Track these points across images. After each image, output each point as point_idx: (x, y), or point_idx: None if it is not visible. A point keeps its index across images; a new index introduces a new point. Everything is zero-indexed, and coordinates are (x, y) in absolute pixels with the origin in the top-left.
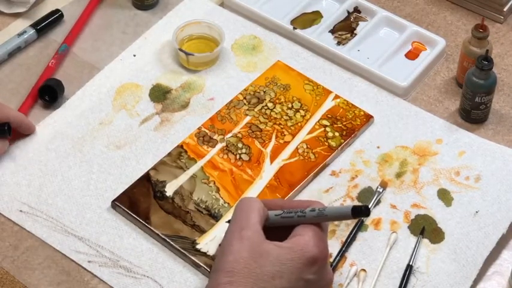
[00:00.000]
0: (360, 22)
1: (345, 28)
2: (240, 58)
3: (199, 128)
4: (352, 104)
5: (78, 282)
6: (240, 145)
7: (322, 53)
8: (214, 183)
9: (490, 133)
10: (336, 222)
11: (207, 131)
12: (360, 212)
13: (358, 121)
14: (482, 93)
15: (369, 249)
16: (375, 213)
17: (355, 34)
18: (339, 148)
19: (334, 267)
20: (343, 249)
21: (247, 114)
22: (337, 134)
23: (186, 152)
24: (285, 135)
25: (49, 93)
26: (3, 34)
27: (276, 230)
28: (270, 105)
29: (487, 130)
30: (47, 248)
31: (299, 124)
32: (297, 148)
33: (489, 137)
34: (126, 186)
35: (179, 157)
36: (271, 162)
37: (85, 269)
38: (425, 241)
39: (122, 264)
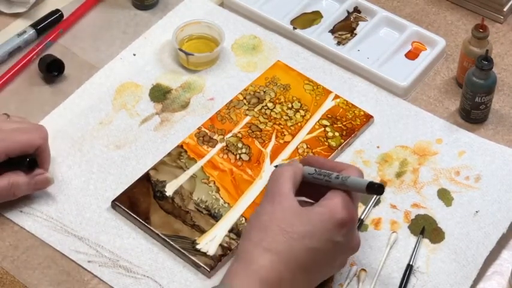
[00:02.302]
0: (360, 22)
1: (345, 28)
2: (240, 58)
3: (199, 128)
4: (352, 104)
5: (78, 282)
6: (240, 145)
7: (322, 53)
8: (214, 183)
9: (490, 133)
10: None
11: (207, 131)
12: (373, 189)
13: (358, 121)
14: (482, 93)
15: (369, 249)
16: (375, 213)
17: (355, 34)
18: (339, 148)
19: None
20: None
21: (247, 114)
22: (337, 134)
23: (186, 152)
24: (285, 135)
25: (54, 68)
26: (3, 34)
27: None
28: (270, 105)
29: (487, 130)
30: (47, 248)
31: (299, 124)
32: (297, 148)
33: (489, 137)
34: (126, 186)
35: (179, 157)
36: (271, 162)
37: (85, 269)
38: (426, 241)
39: (121, 264)
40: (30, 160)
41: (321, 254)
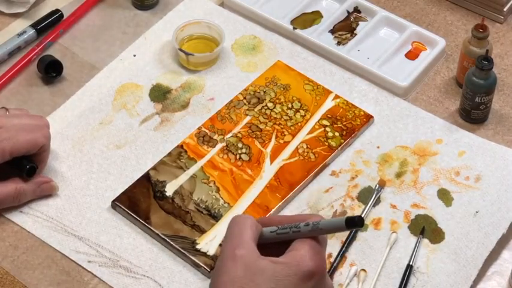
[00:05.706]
0: (360, 22)
1: (345, 28)
2: (240, 58)
3: (199, 128)
4: (352, 104)
5: (78, 282)
6: (240, 145)
7: (322, 53)
8: (214, 183)
9: (490, 133)
10: None
11: (207, 131)
12: (353, 223)
13: (358, 121)
14: (482, 93)
15: (369, 249)
16: (375, 213)
17: (355, 34)
18: (339, 148)
19: (335, 268)
20: (343, 249)
21: (247, 114)
22: (337, 134)
23: (186, 152)
24: (285, 135)
25: (53, 69)
26: (3, 34)
27: (273, 245)
28: (270, 105)
29: (487, 130)
30: (46, 248)
31: (299, 124)
32: (297, 148)
33: (489, 137)
34: (126, 186)
35: (179, 157)
36: (271, 162)
37: (85, 269)
38: (425, 241)
39: (121, 264)
40: (30, 168)
41: None
